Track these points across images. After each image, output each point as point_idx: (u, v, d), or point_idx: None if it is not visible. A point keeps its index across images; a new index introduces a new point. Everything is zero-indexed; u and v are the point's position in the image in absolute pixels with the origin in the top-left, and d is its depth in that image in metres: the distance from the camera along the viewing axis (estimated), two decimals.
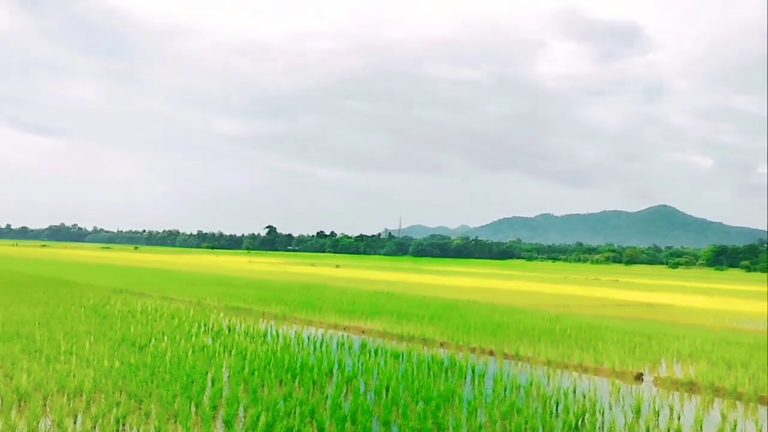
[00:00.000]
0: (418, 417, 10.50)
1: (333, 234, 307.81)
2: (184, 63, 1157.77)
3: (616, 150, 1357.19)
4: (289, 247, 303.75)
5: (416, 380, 13.22)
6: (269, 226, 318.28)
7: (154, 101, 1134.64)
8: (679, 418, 11.70)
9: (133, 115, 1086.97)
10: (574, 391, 13.28)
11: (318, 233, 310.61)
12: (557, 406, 12.00)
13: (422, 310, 27.13)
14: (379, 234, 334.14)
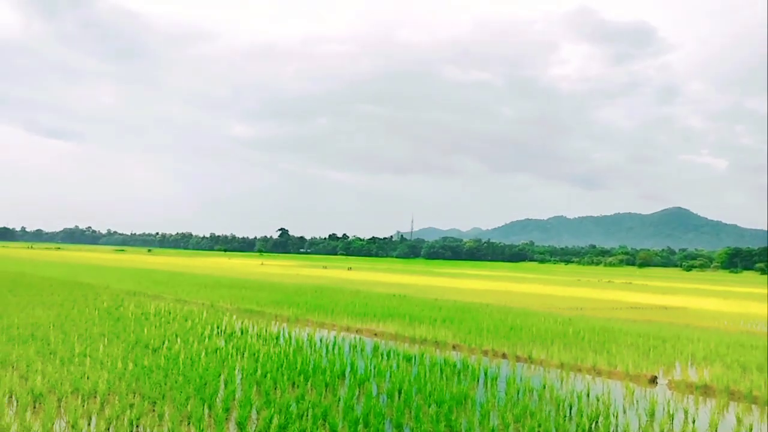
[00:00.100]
0: (430, 420, 10.48)
1: (345, 236, 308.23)
2: (198, 67, 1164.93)
3: (630, 152, 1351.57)
4: (302, 250, 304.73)
5: (429, 383, 13.20)
6: (281, 229, 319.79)
7: (168, 105, 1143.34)
8: (693, 422, 11.60)
9: (147, 119, 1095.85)
10: (588, 395, 13.21)
11: (330, 236, 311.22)
12: (571, 409, 11.94)
13: (434, 312, 27.09)
14: (391, 236, 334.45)
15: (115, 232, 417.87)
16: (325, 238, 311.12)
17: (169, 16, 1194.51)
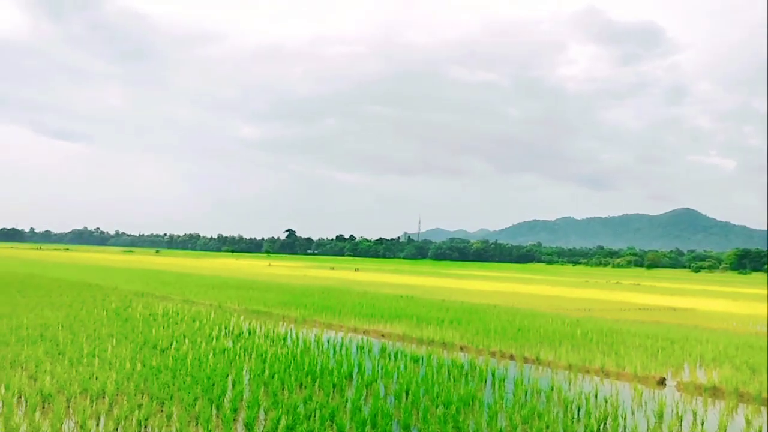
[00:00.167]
0: (438, 421, 10.48)
1: (352, 237, 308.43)
2: (206, 68, 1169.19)
3: (638, 152, 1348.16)
4: (309, 251, 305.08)
5: (436, 384, 13.19)
6: (289, 230, 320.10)
7: (176, 106, 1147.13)
8: (702, 424, 11.56)
9: (155, 120, 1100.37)
10: (596, 396, 13.18)
11: (337, 237, 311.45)
12: (579, 410, 11.91)
13: (442, 313, 27.07)
14: (399, 237, 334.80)
15: (124, 233, 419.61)
16: (332, 239, 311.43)
17: (177, 17, 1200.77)
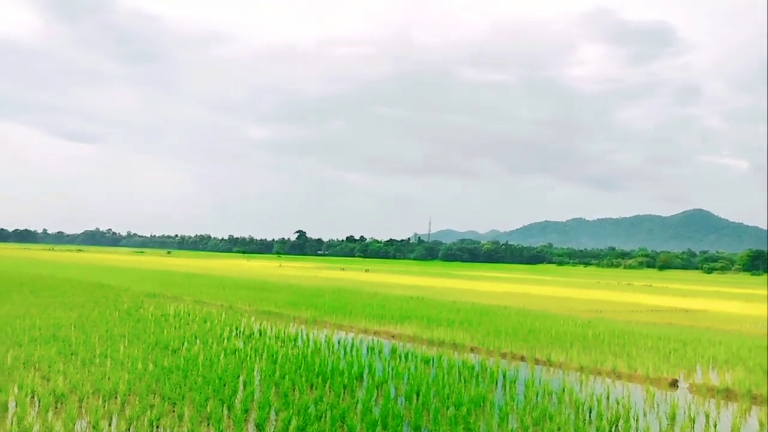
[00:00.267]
0: (449, 422, 10.47)
1: (362, 238, 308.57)
2: (215, 69, 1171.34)
3: (650, 153, 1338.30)
4: (319, 252, 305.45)
5: (447, 385, 13.18)
6: (299, 231, 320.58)
7: (186, 107, 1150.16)
8: (715, 426, 11.49)
9: (166, 121, 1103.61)
10: (608, 398, 13.12)
11: (347, 238, 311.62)
12: (590, 412, 11.86)
13: (452, 315, 27.04)
14: (409, 239, 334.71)
15: (135, 234, 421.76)
16: (342, 240, 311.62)
17: (187, 18, 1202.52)
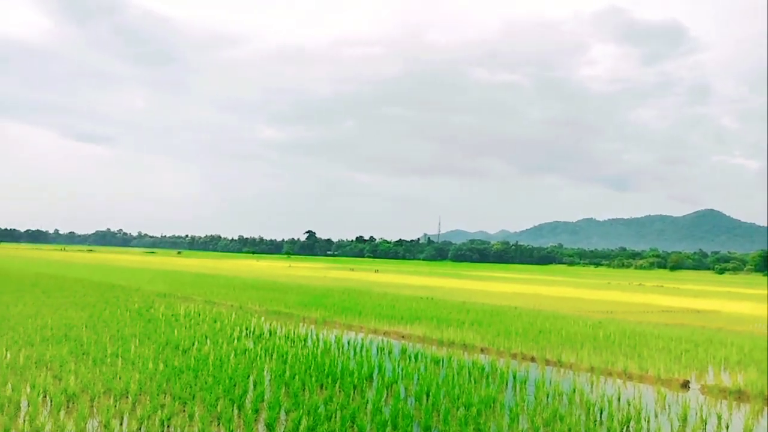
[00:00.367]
0: (459, 423, 10.45)
1: (372, 239, 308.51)
2: (227, 71, 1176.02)
3: (661, 153, 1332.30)
4: (329, 252, 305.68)
5: (457, 386, 13.16)
6: (309, 231, 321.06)
7: (198, 108, 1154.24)
8: (727, 428, 11.42)
9: (178, 123, 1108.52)
10: (619, 399, 13.06)
11: (357, 238, 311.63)
12: (601, 413, 11.81)
13: (462, 315, 26.99)
14: (418, 239, 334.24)
15: (146, 235, 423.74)
16: (352, 241, 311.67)
17: (199, 20, 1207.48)
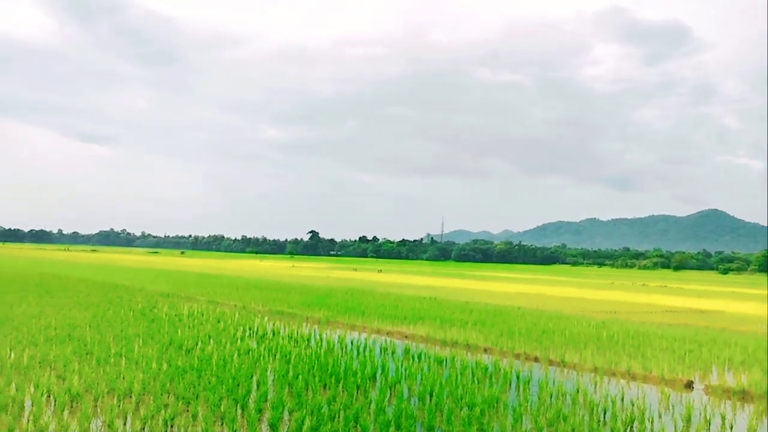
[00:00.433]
0: (462, 423, 10.44)
1: (375, 239, 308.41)
2: (230, 71, 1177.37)
3: (664, 153, 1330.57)
4: (332, 252, 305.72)
5: (460, 386, 13.15)
6: (312, 231, 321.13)
7: (201, 108, 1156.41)
8: (731, 428, 11.39)
9: (180, 123, 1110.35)
10: (622, 399, 13.04)
11: (360, 238, 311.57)
12: (605, 413, 11.79)
13: (465, 315, 26.98)
14: (422, 239, 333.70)
15: (149, 235, 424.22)
16: (355, 241, 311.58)
17: (201, 20, 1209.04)
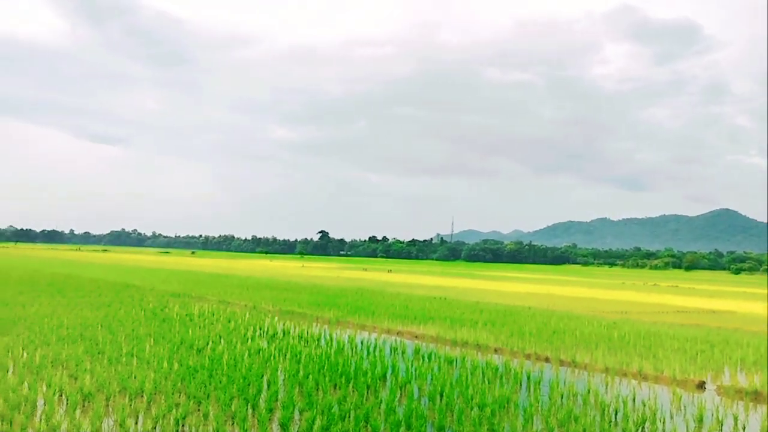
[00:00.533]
0: (472, 423, 10.42)
1: (385, 239, 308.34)
2: (240, 71, 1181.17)
3: (676, 152, 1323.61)
4: (342, 252, 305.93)
5: (470, 386, 13.13)
6: (322, 231, 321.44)
7: (211, 109, 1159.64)
8: (743, 429, 11.32)
9: (191, 123, 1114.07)
10: (634, 400, 12.98)
11: (370, 238, 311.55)
12: (616, 414, 11.75)
13: (476, 315, 26.94)
14: (431, 239, 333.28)
15: (160, 235, 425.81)
16: (365, 241, 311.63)
17: (211, 22, 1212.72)
